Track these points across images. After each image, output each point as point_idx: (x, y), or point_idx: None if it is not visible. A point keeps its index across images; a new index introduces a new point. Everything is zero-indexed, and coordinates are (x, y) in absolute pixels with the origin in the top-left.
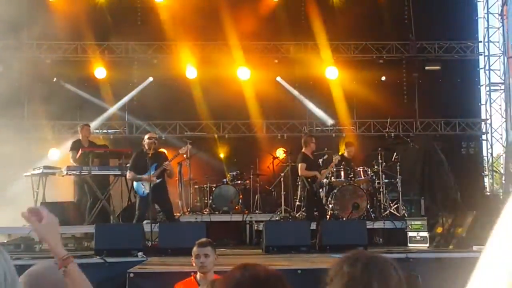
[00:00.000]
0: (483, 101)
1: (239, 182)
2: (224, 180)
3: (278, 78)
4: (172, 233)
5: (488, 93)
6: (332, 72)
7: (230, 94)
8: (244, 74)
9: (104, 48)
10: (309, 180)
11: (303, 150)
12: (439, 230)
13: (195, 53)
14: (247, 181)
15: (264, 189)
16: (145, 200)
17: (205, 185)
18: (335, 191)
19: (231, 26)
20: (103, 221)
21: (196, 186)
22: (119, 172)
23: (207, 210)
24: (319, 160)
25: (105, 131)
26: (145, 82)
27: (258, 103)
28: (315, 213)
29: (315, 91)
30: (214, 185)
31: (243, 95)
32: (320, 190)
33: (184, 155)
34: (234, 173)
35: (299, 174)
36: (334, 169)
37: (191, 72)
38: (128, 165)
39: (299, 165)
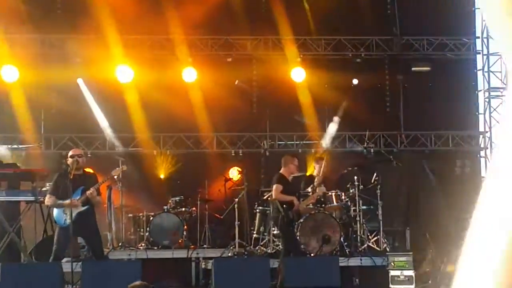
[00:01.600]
0: (481, 110)
1: (183, 209)
2: (165, 207)
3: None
4: (99, 274)
5: (487, 100)
6: (298, 73)
7: (173, 101)
8: (191, 76)
9: (16, 40)
10: (284, 206)
11: (281, 170)
12: (428, 268)
13: (130, 50)
14: (193, 209)
15: (214, 218)
16: (66, 232)
17: (141, 214)
18: (301, 220)
19: (175, 16)
20: (11, 260)
21: (130, 215)
22: (32, 198)
23: (143, 244)
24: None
25: (15, 146)
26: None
27: (208, 112)
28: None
29: (278, 97)
30: (152, 214)
31: (190, 102)
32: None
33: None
34: (177, 198)
35: (273, 197)
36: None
37: (124, 73)
38: (44, 188)
39: (274, 186)
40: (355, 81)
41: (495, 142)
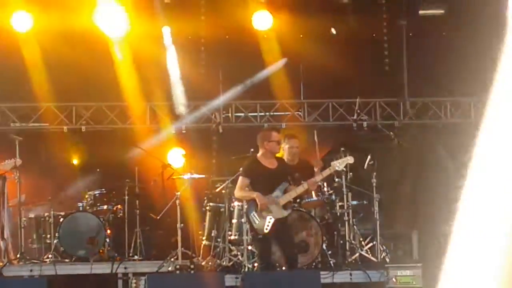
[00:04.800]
0: None
1: (104, 207)
2: (80, 204)
3: (165, 30)
4: None
5: None
6: (262, 19)
7: (90, 59)
8: (114, 27)
9: None
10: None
11: (258, 154)
12: None
13: None
14: (119, 206)
15: (148, 219)
16: None
17: (46, 214)
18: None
19: None
20: None
21: (32, 216)
22: None
23: (50, 256)
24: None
25: None
26: None
27: (138, 73)
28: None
29: (235, 52)
30: (62, 214)
31: (112, 60)
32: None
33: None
34: (97, 192)
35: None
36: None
37: (21, 20)
38: None
39: (239, 179)
40: (333, 31)
41: None
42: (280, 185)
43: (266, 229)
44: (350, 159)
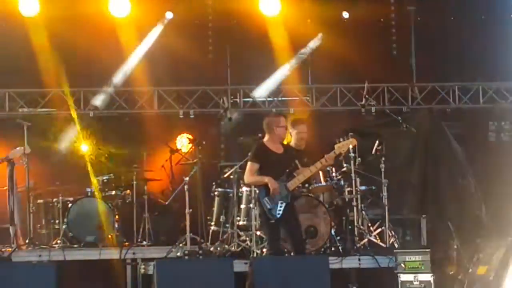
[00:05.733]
0: None
1: (113, 193)
2: (89, 190)
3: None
4: None
5: None
6: (270, 4)
7: (97, 43)
8: (121, 9)
9: None
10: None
11: (264, 139)
12: (451, 270)
13: None
14: (128, 192)
15: (156, 204)
16: None
17: (55, 200)
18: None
19: None
20: None
21: (41, 201)
22: None
23: (58, 241)
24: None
25: None
26: None
27: (146, 57)
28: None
29: (242, 37)
30: (71, 199)
31: (120, 43)
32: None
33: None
34: (105, 177)
35: (244, 180)
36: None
37: (28, 5)
38: None
39: (248, 164)
40: (345, 14)
41: None
42: (287, 169)
43: (278, 213)
44: (352, 141)
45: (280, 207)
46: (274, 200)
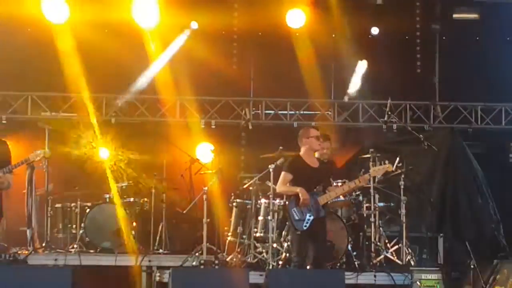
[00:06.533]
0: None
1: (131, 200)
2: (107, 196)
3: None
4: (13, 285)
5: None
6: (296, 17)
7: (122, 50)
8: (146, 18)
9: None
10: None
11: (301, 151)
12: None
13: None
14: (146, 199)
15: (174, 213)
16: None
17: (73, 204)
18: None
19: None
20: None
21: (59, 205)
22: None
23: (75, 246)
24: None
25: None
26: None
27: (170, 66)
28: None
29: (267, 49)
30: (89, 205)
31: (144, 51)
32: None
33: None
34: (124, 184)
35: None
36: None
37: (56, 11)
38: None
39: (282, 174)
40: (374, 30)
41: None
42: (320, 184)
43: (305, 226)
44: (389, 167)
45: (308, 219)
46: (302, 212)
